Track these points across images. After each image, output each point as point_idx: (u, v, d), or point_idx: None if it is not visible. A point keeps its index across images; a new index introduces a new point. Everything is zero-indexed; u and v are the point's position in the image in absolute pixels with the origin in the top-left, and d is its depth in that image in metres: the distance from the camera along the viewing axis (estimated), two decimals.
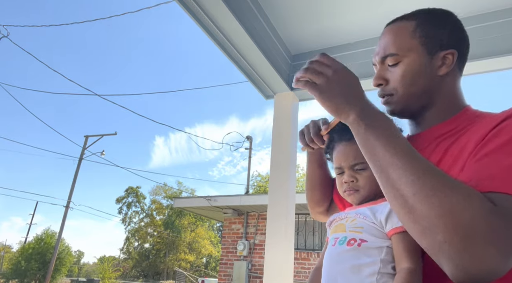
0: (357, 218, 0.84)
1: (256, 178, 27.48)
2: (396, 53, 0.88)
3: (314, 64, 0.78)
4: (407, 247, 0.74)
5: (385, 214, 0.80)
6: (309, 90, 0.77)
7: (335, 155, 0.92)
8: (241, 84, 21.71)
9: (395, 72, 0.89)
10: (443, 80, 0.87)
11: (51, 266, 18.22)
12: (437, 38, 0.87)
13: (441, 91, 0.87)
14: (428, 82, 0.86)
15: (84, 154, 20.80)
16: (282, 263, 1.89)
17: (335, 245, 0.84)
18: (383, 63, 0.91)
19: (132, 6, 56.74)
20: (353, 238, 0.81)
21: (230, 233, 10.81)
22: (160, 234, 35.75)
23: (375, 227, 0.81)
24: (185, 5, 1.58)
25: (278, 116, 2.18)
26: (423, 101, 0.88)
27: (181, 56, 69.06)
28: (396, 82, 0.88)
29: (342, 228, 0.86)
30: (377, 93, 0.94)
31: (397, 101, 0.89)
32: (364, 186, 0.87)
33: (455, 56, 0.86)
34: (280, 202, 1.98)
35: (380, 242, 0.79)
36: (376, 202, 0.87)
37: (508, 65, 1.76)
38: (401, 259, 0.74)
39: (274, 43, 2.02)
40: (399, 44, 0.88)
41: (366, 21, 1.94)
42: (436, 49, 0.86)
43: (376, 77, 0.92)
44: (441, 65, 0.86)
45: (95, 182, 65.06)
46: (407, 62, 0.87)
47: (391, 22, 0.96)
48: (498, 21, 1.75)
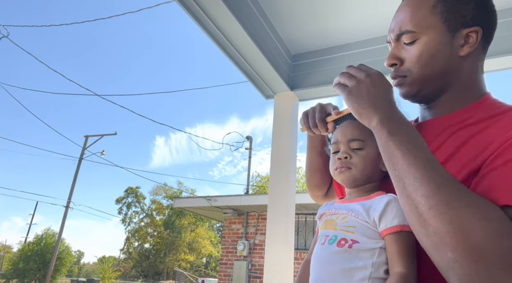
0: (348, 215, 0.80)
1: (256, 178, 27.49)
2: (413, 30, 0.79)
3: (350, 68, 0.79)
4: (401, 250, 0.71)
5: (379, 211, 0.76)
6: (339, 91, 0.77)
7: (334, 132, 0.89)
8: (241, 84, 21.73)
9: (411, 51, 0.80)
10: (464, 62, 0.79)
11: (51, 266, 18.22)
12: (460, 14, 0.78)
13: (460, 74, 0.79)
14: (447, 63, 0.78)
15: (84, 154, 20.82)
16: (282, 263, 1.89)
17: (325, 244, 0.80)
18: (399, 41, 0.83)
19: (133, 6, 56.78)
20: (344, 238, 0.77)
21: (230, 233, 10.81)
22: (160, 234, 35.74)
23: (368, 227, 0.77)
24: (185, 5, 1.58)
25: (278, 116, 2.18)
26: (439, 85, 0.80)
27: (181, 56, 69.14)
28: (411, 62, 0.80)
29: (332, 225, 0.82)
30: (390, 75, 0.87)
31: (411, 83, 0.82)
32: (357, 164, 0.82)
33: (479, 35, 0.78)
34: (280, 202, 1.98)
35: (373, 243, 0.75)
36: (369, 197, 0.83)
37: (508, 65, 1.76)
38: (394, 262, 0.72)
39: (274, 43, 2.02)
40: (417, 20, 0.79)
41: (366, 21, 1.94)
42: (459, 26, 0.77)
43: (389, 56, 0.84)
44: (463, 44, 0.78)
45: (95, 182, 65.15)
46: (425, 41, 0.78)
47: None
48: (498, 21, 1.75)
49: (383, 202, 0.77)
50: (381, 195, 0.83)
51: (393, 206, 0.76)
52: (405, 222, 0.73)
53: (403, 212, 0.70)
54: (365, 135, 0.83)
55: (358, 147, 0.83)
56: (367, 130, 0.80)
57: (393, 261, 0.72)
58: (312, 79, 2.16)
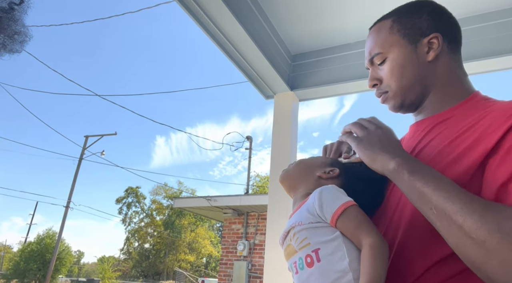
0: (295, 229, 0.77)
1: (255, 178, 27.50)
2: (380, 51, 0.90)
3: (362, 120, 0.84)
4: (356, 224, 0.71)
5: (317, 205, 0.74)
6: (350, 140, 0.82)
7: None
8: (242, 84, 21.73)
9: (384, 69, 0.90)
10: (435, 65, 0.86)
11: (51, 266, 18.23)
12: (415, 27, 0.88)
13: (435, 77, 0.86)
14: (418, 70, 0.86)
15: (84, 154, 20.82)
16: (282, 263, 1.88)
17: (298, 272, 0.75)
18: (373, 64, 0.94)
19: (133, 6, 56.73)
20: (308, 255, 0.73)
21: (230, 233, 10.81)
22: (160, 234, 35.76)
23: (317, 226, 0.74)
24: (185, 5, 1.58)
25: (278, 116, 2.18)
26: (418, 90, 0.88)
27: (181, 56, 69.13)
28: (387, 78, 0.90)
29: (292, 249, 0.78)
30: (375, 94, 0.96)
31: (393, 96, 0.90)
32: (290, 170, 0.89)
33: (440, 39, 0.86)
34: (280, 202, 1.98)
35: (332, 241, 0.72)
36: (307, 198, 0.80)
37: (508, 65, 1.76)
38: (358, 236, 0.70)
39: (274, 43, 2.02)
40: (381, 43, 0.91)
41: (366, 21, 1.93)
42: (418, 37, 0.87)
43: (370, 79, 0.95)
44: (428, 51, 0.86)
45: (95, 182, 65.11)
46: (392, 57, 0.88)
47: (371, 26, 0.99)
48: (498, 21, 1.75)
49: (316, 195, 0.76)
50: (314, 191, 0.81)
51: (326, 193, 0.75)
52: (345, 199, 0.74)
53: (339, 193, 0.76)
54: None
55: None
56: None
57: (357, 236, 0.70)
58: (312, 79, 2.16)
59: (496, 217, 0.59)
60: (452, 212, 0.62)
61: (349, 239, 0.72)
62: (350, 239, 0.72)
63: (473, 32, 1.77)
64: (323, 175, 0.85)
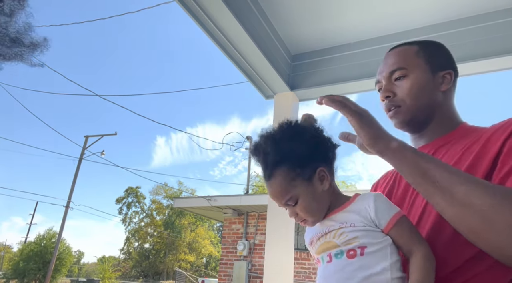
0: (345, 229, 0.79)
1: (255, 178, 27.49)
2: (404, 67, 0.97)
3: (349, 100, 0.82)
4: (410, 234, 0.76)
5: (373, 210, 0.77)
6: (345, 110, 0.78)
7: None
8: (243, 84, 21.72)
9: (403, 85, 0.96)
10: (444, 96, 0.97)
11: (51, 266, 18.22)
12: (437, 59, 0.98)
13: (442, 105, 0.96)
14: (432, 96, 0.95)
15: (84, 154, 20.82)
16: (282, 263, 1.89)
17: (332, 261, 0.78)
18: (390, 78, 0.99)
19: (133, 6, 56.71)
20: (352, 249, 0.76)
21: (230, 233, 10.81)
22: (160, 234, 35.76)
23: (370, 230, 0.77)
24: (185, 5, 1.58)
25: (278, 116, 2.18)
26: (427, 114, 0.96)
27: (182, 56, 69.14)
28: (404, 94, 0.96)
29: (332, 245, 0.80)
30: (385, 106, 1.00)
31: (406, 111, 0.96)
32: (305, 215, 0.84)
33: (452, 76, 0.98)
34: None
35: (380, 243, 0.76)
36: (350, 201, 0.83)
37: (508, 65, 1.76)
38: (411, 246, 0.75)
39: (274, 43, 2.02)
40: (407, 61, 0.98)
41: (366, 21, 1.94)
42: (437, 68, 0.97)
43: (384, 90, 0.99)
44: (442, 82, 0.97)
45: (95, 182, 65.07)
46: (414, 77, 0.96)
47: (393, 47, 1.05)
48: (498, 21, 1.75)
49: (371, 202, 0.79)
50: (358, 196, 0.84)
51: (381, 201, 0.80)
52: (396, 208, 0.79)
53: (390, 202, 0.81)
54: (290, 190, 0.83)
55: (293, 204, 0.84)
56: (288, 183, 0.83)
57: (410, 246, 0.75)
58: (312, 79, 2.16)
59: (500, 188, 0.66)
60: (459, 183, 0.67)
61: (398, 246, 0.77)
62: (399, 246, 0.77)
63: (473, 32, 1.78)
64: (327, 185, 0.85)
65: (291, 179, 0.83)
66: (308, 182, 0.84)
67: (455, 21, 1.83)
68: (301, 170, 0.83)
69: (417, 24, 1.91)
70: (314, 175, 0.84)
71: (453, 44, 1.81)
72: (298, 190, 0.83)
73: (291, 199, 0.84)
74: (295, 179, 0.83)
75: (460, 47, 1.79)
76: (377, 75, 1.04)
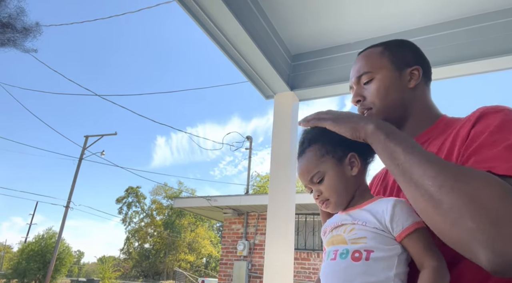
0: (355, 226, 0.79)
1: (256, 178, 27.49)
2: (369, 70, 1.00)
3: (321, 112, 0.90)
4: (426, 245, 0.73)
5: (388, 215, 0.76)
6: (321, 122, 0.86)
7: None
8: (243, 84, 21.72)
9: (371, 88, 0.99)
10: (414, 92, 0.98)
11: (51, 266, 18.22)
12: (402, 57, 1.00)
13: (414, 102, 0.97)
14: (401, 94, 0.97)
15: (84, 154, 20.81)
16: (282, 263, 1.89)
17: (336, 259, 0.78)
18: (359, 82, 1.02)
19: (133, 6, 56.64)
20: (357, 251, 0.75)
21: (230, 233, 10.81)
22: (160, 234, 35.75)
23: (380, 233, 0.76)
24: (185, 5, 1.58)
25: (278, 116, 2.18)
26: (400, 112, 0.97)
27: (182, 56, 69.10)
28: (372, 96, 0.98)
29: (341, 240, 0.80)
30: (357, 110, 1.02)
31: (376, 113, 0.97)
32: (330, 195, 0.86)
33: (420, 71, 0.98)
34: (280, 202, 1.98)
35: (388, 250, 0.74)
36: (370, 200, 0.83)
37: (508, 65, 1.76)
38: (423, 258, 0.72)
39: (274, 43, 2.02)
40: (371, 64, 1.01)
41: (366, 21, 1.94)
42: (403, 66, 0.98)
43: (354, 95, 1.03)
44: (410, 79, 0.98)
45: (95, 182, 65.05)
46: (380, 78, 0.98)
47: (361, 51, 1.09)
48: (498, 21, 1.75)
49: (390, 205, 0.77)
50: (381, 198, 0.83)
51: (400, 207, 0.77)
52: (417, 219, 0.75)
53: (412, 210, 0.76)
54: (317, 166, 0.87)
55: (318, 180, 0.87)
56: (315, 161, 0.88)
57: (422, 258, 0.73)
58: (312, 79, 2.16)
59: (456, 169, 0.65)
60: (417, 165, 0.67)
61: (412, 257, 0.75)
62: (412, 257, 0.75)
63: (473, 32, 1.77)
64: (356, 170, 0.88)
65: (321, 155, 0.88)
66: (338, 162, 0.87)
67: (455, 21, 1.83)
68: (332, 149, 0.87)
69: (417, 24, 1.90)
70: (345, 158, 0.87)
71: (453, 44, 1.81)
72: (326, 166, 0.87)
73: (317, 175, 0.87)
74: (324, 155, 0.87)
75: (460, 47, 1.79)
76: (349, 81, 1.07)
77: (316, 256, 9.43)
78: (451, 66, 1.77)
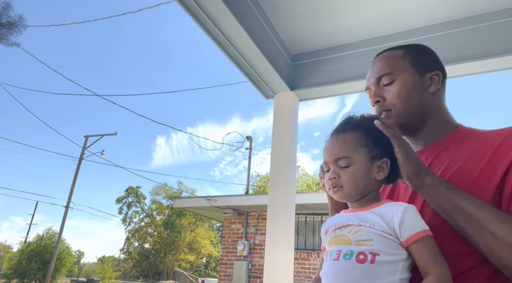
0: (362, 228, 0.78)
1: (256, 178, 27.46)
2: (391, 72, 0.98)
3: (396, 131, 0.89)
4: (433, 253, 0.73)
5: (398, 220, 0.75)
6: (396, 144, 0.85)
7: (322, 152, 0.91)
8: (243, 84, 21.71)
9: (391, 89, 0.98)
10: (434, 97, 0.98)
11: (51, 266, 18.22)
12: (423, 62, 1.00)
13: (433, 107, 0.98)
14: (421, 98, 0.97)
15: (84, 154, 20.81)
16: (282, 263, 1.89)
17: (339, 260, 0.77)
18: (378, 83, 1.01)
19: (133, 6, 56.63)
20: (362, 253, 0.75)
21: (230, 233, 10.81)
22: (160, 234, 35.74)
23: (387, 237, 0.75)
24: (185, 5, 1.58)
25: (278, 116, 2.18)
26: (418, 116, 0.97)
27: (182, 56, 69.10)
28: (393, 98, 0.97)
29: (345, 240, 0.79)
30: (375, 111, 1.01)
31: (396, 115, 0.97)
32: (347, 182, 0.84)
33: (440, 77, 0.99)
34: (280, 202, 1.98)
35: (394, 255, 0.74)
36: (378, 204, 0.82)
37: (508, 65, 1.76)
38: (429, 265, 0.72)
39: (274, 43, 2.02)
40: (392, 66, 0.99)
41: (366, 21, 1.94)
42: (424, 70, 0.99)
43: (373, 95, 1.01)
44: (430, 84, 0.98)
45: (95, 182, 64.97)
46: (401, 80, 0.97)
47: (379, 53, 1.07)
48: (498, 21, 1.75)
49: (400, 211, 0.76)
50: (390, 202, 0.83)
51: (410, 214, 0.77)
52: (426, 227, 0.76)
53: (421, 218, 0.78)
54: (351, 151, 0.85)
55: (345, 165, 0.85)
56: (352, 146, 0.86)
57: (428, 265, 0.73)
58: (312, 79, 2.16)
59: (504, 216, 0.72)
60: (486, 221, 0.73)
61: (417, 264, 0.75)
62: (418, 264, 0.75)
63: (473, 32, 1.77)
64: (382, 175, 0.86)
65: (360, 144, 0.86)
66: (371, 160, 0.85)
67: (455, 21, 1.83)
68: (373, 145, 0.86)
69: (417, 24, 1.90)
70: (378, 160, 0.86)
71: (453, 44, 1.81)
72: (358, 157, 0.85)
73: (346, 160, 0.85)
74: (362, 146, 0.86)
75: (460, 47, 1.78)
76: (366, 81, 1.06)
77: (316, 256, 9.42)
78: (451, 66, 1.77)
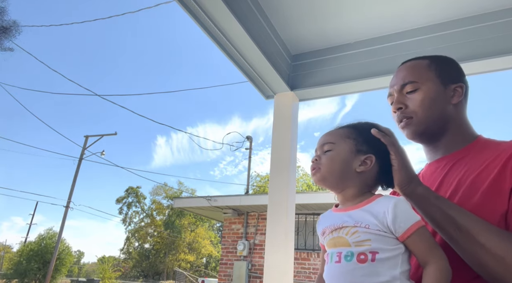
0: (358, 229, 0.80)
1: (256, 178, 27.45)
2: (415, 80, 1.00)
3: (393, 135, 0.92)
4: (428, 244, 0.76)
5: (390, 216, 0.77)
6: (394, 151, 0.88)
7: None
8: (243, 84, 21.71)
9: (414, 97, 1.00)
10: (456, 108, 1.00)
11: (51, 266, 18.22)
12: (448, 72, 1.01)
13: (454, 118, 0.99)
14: (444, 108, 0.98)
15: (84, 154, 20.80)
16: (282, 263, 1.89)
17: (341, 262, 0.79)
18: (401, 91, 1.03)
19: (133, 6, 56.66)
20: (362, 253, 0.77)
21: (230, 233, 10.81)
22: (160, 234, 35.73)
23: (383, 235, 0.77)
24: (185, 5, 1.58)
25: (278, 116, 2.18)
26: (440, 126, 0.99)
27: (182, 56, 69.09)
28: (416, 106, 0.99)
29: (343, 242, 0.81)
30: (396, 118, 1.04)
31: (417, 123, 0.99)
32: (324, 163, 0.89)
33: (463, 89, 1.00)
34: (280, 202, 1.98)
35: (392, 250, 0.76)
36: (369, 200, 0.83)
37: (508, 65, 1.76)
38: (427, 256, 0.75)
39: (274, 43, 2.02)
40: (418, 74, 1.01)
41: (366, 21, 1.94)
42: (448, 81, 1.00)
43: (396, 102, 1.03)
44: (453, 95, 0.99)
45: (95, 182, 65.01)
46: (425, 89, 0.99)
47: (405, 61, 1.08)
48: (498, 21, 1.75)
49: (391, 207, 0.78)
50: (379, 197, 0.84)
51: (401, 208, 0.78)
52: (417, 218, 0.79)
53: (412, 210, 0.81)
54: (337, 140, 0.91)
55: (328, 149, 0.90)
56: (339, 136, 0.91)
57: (426, 256, 0.75)
58: (312, 79, 2.16)
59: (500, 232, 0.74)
60: (475, 233, 0.74)
61: (415, 255, 0.78)
62: (415, 256, 0.78)
63: (473, 32, 1.77)
64: (363, 169, 0.88)
65: (348, 136, 0.91)
66: (355, 152, 0.89)
67: (455, 21, 1.83)
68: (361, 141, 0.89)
69: (417, 24, 1.90)
70: (363, 155, 0.89)
71: (453, 44, 1.81)
72: (341, 144, 0.90)
73: (329, 145, 0.91)
74: (350, 138, 0.90)
75: (460, 47, 1.78)
76: (389, 88, 1.08)
77: (316, 256, 9.42)
78: None
